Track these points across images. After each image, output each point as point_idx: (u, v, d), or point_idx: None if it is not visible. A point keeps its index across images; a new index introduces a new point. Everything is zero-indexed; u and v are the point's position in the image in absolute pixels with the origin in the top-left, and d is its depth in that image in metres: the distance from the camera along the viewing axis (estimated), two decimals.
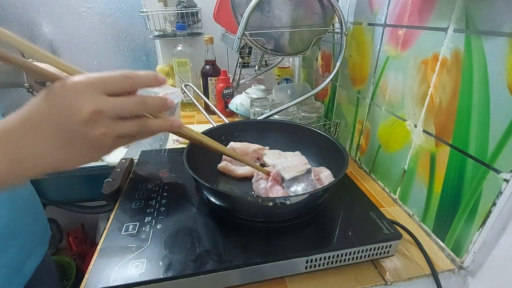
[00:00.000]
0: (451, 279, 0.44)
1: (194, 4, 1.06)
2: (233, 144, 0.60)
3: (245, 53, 1.10)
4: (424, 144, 0.50)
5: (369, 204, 0.49)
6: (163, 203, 0.49)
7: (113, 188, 0.53)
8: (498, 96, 0.36)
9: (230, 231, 0.43)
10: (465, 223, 0.43)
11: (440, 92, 0.45)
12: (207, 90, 1.07)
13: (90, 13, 1.15)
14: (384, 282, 0.41)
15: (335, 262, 0.41)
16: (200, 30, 1.12)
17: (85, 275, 0.39)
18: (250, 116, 0.84)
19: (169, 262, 0.37)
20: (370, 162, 0.67)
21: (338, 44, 0.66)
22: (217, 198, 0.45)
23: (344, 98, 0.77)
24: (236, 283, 0.39)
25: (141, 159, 0.65)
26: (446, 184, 0.46)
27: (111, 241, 0.41)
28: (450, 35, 0.43)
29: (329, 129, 0.82)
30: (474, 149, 0.40)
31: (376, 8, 0.60)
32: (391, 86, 0.57)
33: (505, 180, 0.36)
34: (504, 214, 0.37)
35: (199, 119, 1.03)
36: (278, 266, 0.39)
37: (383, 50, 0.59)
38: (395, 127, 0.57)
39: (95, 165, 0.88)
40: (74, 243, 1.18)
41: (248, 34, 0.62)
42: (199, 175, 0.43)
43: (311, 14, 0.65)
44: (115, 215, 0.47)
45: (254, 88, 0.98)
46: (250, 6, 0.56)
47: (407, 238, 0.48)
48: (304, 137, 0.61)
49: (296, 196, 0.42)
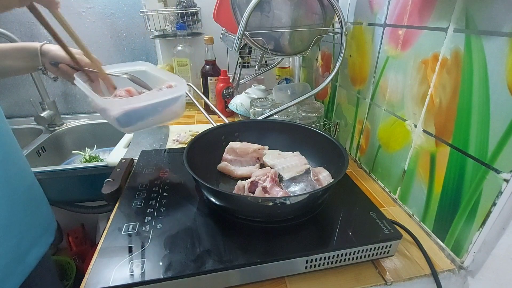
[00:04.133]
0: (451, 279, 0.44)
1: (194, 4, 1.06)
2: (233, 144, 0.60)
3: (245, 53, 1.10)
4: (424, 144, 0.50)
5: (369, 204, 0.49)
6: (163, 203, 0.49)
7: (113, 188, 0.53)
8: (498, 96, 0.36)
9: (230, 231, 0.43)
10: (465, 223, 0.43)
11: (440, 92, 0.45)
12: (207, 90, 1.08)
13: (90, 13, 1.15)
14: (384, 282, 0.41)
15: (335, 262, 0.41)
16: (200, 30, 1.12)
17: (85, 275, 0.39)
18: (250, 116, 0.84)
19: (169, 262, 0.37)
20: (370, 162, 0.67)
21: (338, 44, 0.66)
22: (217, 198, 0.45)
23: (344, 98, 0.77)
24: (236, 283, 0.39)
25: (141, 159, 0.65)
26: (446, 184, 0.46)
27: (111, 241, 0.41)
28: (450, 35, 0.43)
29: (329, 129, 0.82)
30: (474, 149, 0.40)
31: (376, 8, 0.60)
32: (391, 86, 0.57)
33: (505, 180, 0.36)
34: (504, 214, 0.37)
35: (199, 119, 1.03)
36: (278, 266, 0.39)
37: (383, 50, 0.59)
38: (395, 127, 0.57)
39: (95, 165, 0.89)
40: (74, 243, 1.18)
41: (248, 34, 0.62)
42: (199, 175, 0.43)
43: (311, 14, 0.65)
44: (115, 215, 0.47)
45: (254, 88, 0.98)
46: (250, 6, 0.56)
47: (407, 238, 0.48)
48: (304, 137, 0.61)
49: (296, 196, 0.42)
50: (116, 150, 0.81)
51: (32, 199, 0.56)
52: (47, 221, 0.60)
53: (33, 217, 0.55)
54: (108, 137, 1.18)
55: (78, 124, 1.20)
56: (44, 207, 0.60)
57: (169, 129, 0.91)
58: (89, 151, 1.14)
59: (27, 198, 0.54)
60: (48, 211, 0.61)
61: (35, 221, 0.55)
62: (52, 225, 0.62)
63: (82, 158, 1.10)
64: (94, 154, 1.13)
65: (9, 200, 0.49)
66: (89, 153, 1.12)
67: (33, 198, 0.56)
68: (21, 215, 0.51)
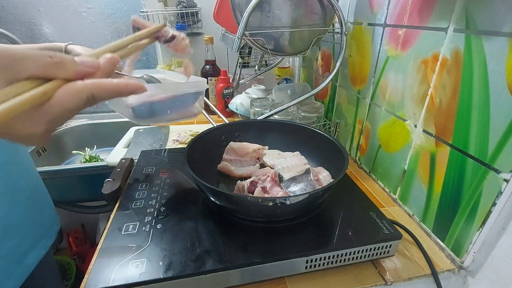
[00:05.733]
0: (451, 279, 0.44)
1: (194, 4, 1.06)
2: (233, 144, 0.60)
3: (245, 53, 1.10)
4: (424, 144, 0.50)
5: (369, 204, 0.49)
6: (163, 203, 0.49)
7: (113, 188, 0.53)
8: (498, 96, 0.36)
9: (230, 231, 0.43)
10: (465, 223, 0.43)
11: (440, 92, 0.45)
12: (207, 90, 1.07)
13: (91, 13, 1.15)
14: (384, 282, 0.41)
15: (335, 262, 0.41)
16: (200, 30, 1.12)
17: (85, 275, 0.39)
18: (250, 116, 0.84)
19: (169, 262, 0.37)
20: (370, 162, 0.67)
21: (338, 44, 0.66)
22: (217, 198, 0.45)
23: (344, 98, 0.77)
24: (236, 283, 0.39)
25: (141, 159, 0.64)
26: (446, 184, 0.46)
27: (111, 241, 0.41)
28: (450, 35, 0.43)
29: (329, 129, 0.82)
30: (474, 149, 0.40)
31: (376, 8, 0.60)
32: (391, 86, 0.57)
33: (505, 180, 0.36)
34: (504, 214, 0.37)
35: (199, 119, 1.02)
36: (278, 266, 0.39)
37: (383, 50, 0.59)
38: (395, 127, 0.57)
39: (95, 165, 0.89)
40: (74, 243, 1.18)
41: (248, 34, 0.62)
42: (199, 175, 0.43)
43: (311, 14, 0.65)
44: (115, 215, 0.47)
45: (254, 88, 0.98)
46: (250, 6, 0.56)
47: (407, 238, 0.48)
48: (304, 137, 0.61)
49: (296, 196, 0.42)
50: (116, 150, 0.81)
51: (35, 200, 0.55)
52: (49, 223, 0.59)
53: (35, 218, 0.55)
54: (108, 137, 1.18)
55: (78, 124, 1.20)
56: (47, 209, 0.60)
57: (169, 129, 0.91)
58: (89, 151, 1.14)
59: (30, 199, 0.53)
60: (51, 212, 0.61)
61: (36, 222, 0.55)
62: (54, 227, 0.61)
63: (82, 158, 1.10)
64: (94, 154, 1.13)
65: (11, 200, 0.48)
66: (89, 153, 1.12)
67: (36, 199, 0.56)
68: (23, 215, 0.51)
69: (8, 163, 0.48)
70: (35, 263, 0.53)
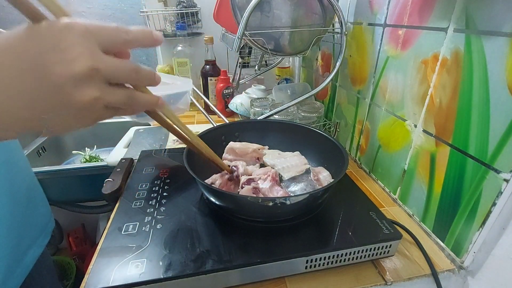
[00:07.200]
0: (451, 279, 0.44)
1: (194, 4, 1.06)
2: (233, 144, 0.60)
3: (245, 53, 1.10)
4: (424, 144, 0.50)
5: (369, 204, 0.49)
6: (163, 203, 0.49)
7: (113, 188, 0.53)
8: (498, 96, 0.36)
9: (230, 231, 0.43)
10: (465, 223, 0.43)
11: (440, 92, 0.45)
12: (207, 90, 1.08)
13: (90, 13, 1.15)
14: (384, 282, 0.41)
15: (335, 262, 0.41)
16: (200, 30, 1.12)
17: (85, 275, 0.39)
18: (250, 116, 0.84)
19: (169, 262, 0.37)
20: (370, 162, 0.67)
21: (338, 44, 0.66)
22: (217, 198, 0.45)
23: (344, 98, 0.77)
24: (236, 283, 0.39)
25: (141, 159, 0.65)
26: (446, 184, 0.46)
27: (111, 241, 0.41)
28: (450, 35, 0.43)
29: (329, 129, 0.82)
30: (474, 149, 0.40)
31: (376, 8, 0.60)
32: (391, 86, 0.57)
33: (505, 180, 0.36)
34: (504, 214, 0.37)
35: (199, 119, 1.03)
36: (278, 266, 0.39)
37: (383, 50, 0.59)
38: (395, 127, 0.57)
39: (95, 165, 0.89)
40: (74, 243, 1.18)
41: (248, 34, 0.62)
42: (199, 175, 0.43)
43: (311, 14, 0.65)
44: (115, 215, 0.47)
45: (254, 88, 0.98)
46: (250, 6, 0.56)
47: (407, 238, 0.48)
48: (304, 137, 0.61)
49: (296, 196, 0.42)
50: (116, 150, 0.81)
51: (31, 199, 0.56)
52: (44, 222, 0.60)
53: (32, 217, 0.55)
54: (108, 137, 1.18)
55: None
56: (42, 208, 0.60)
57: None
58: (89, 151, 1.14)
59: (27, 199, 0.54)
60: (46, 211, 0.61)
61: (33, 221, 0.55)
62: (49, 225, 0.61)
63: (82, 158, 1.10)
64: (94, 154, 1.13)
65: (11, 200, 0.49)
66: (89, 153, 1.12)
67: (32, 199, 0.56)
68: (22, 215, 0.51)
69: (6, 163, 0.48)
70: (33, 262, 0.53)
